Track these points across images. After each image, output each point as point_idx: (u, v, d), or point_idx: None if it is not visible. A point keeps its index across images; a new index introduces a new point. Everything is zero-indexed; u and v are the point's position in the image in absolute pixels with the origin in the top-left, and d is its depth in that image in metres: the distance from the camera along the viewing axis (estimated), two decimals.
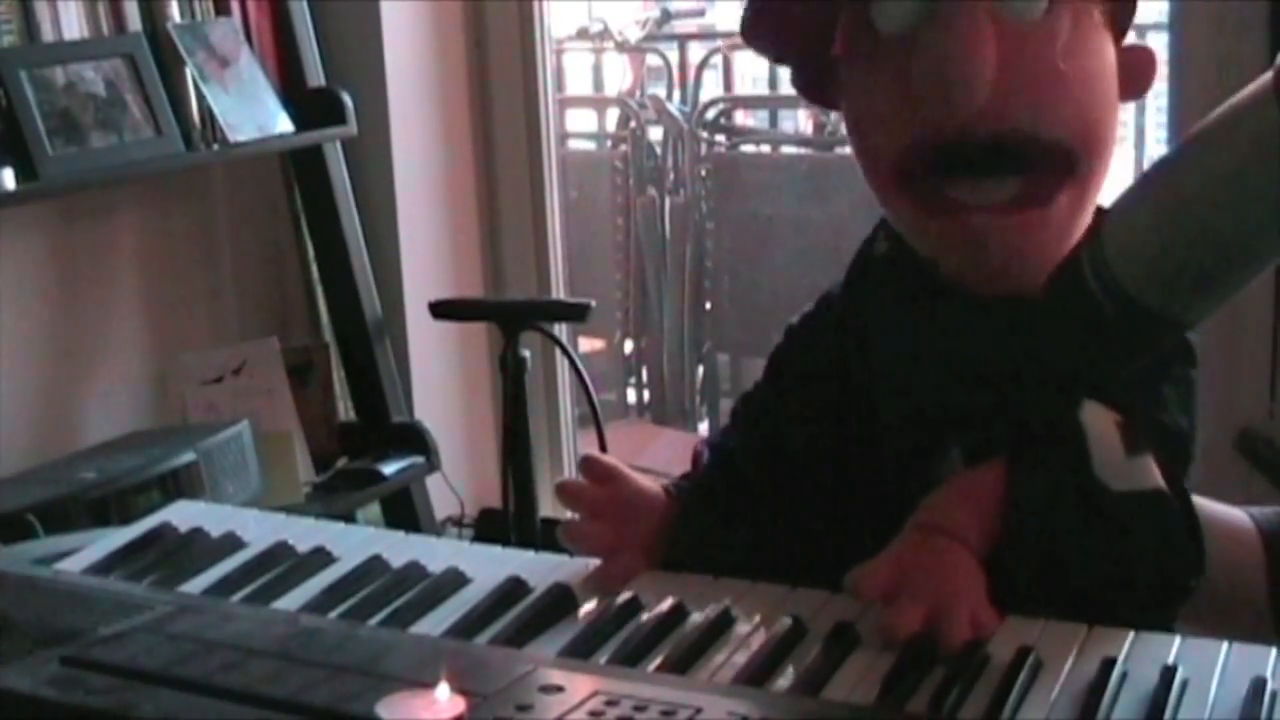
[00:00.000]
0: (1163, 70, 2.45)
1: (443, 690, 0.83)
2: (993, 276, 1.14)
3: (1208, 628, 1.19)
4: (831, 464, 1.23)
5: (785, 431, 1.26)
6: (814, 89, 1.25)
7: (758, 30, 1.22)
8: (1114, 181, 1.17)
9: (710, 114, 4.45)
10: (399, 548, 1.24)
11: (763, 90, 4.89)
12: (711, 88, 4.77)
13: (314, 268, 3.05)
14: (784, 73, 1.21)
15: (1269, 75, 0.93)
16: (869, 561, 1.06)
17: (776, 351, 1.33)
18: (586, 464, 1.24)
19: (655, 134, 4.51)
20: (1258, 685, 0.92)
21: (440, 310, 2.72)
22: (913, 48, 1.10)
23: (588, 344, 4.49)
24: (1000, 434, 1.10)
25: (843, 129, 1.28)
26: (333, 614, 1.12)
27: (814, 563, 1.19)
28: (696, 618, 1.08)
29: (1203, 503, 1.13)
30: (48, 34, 2.50)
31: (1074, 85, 1.11)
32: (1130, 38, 1.19)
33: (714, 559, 1.19)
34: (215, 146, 2.69)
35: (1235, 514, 1.17)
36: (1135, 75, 1.16)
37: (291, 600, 1.16)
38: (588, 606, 1.12)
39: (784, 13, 1.20)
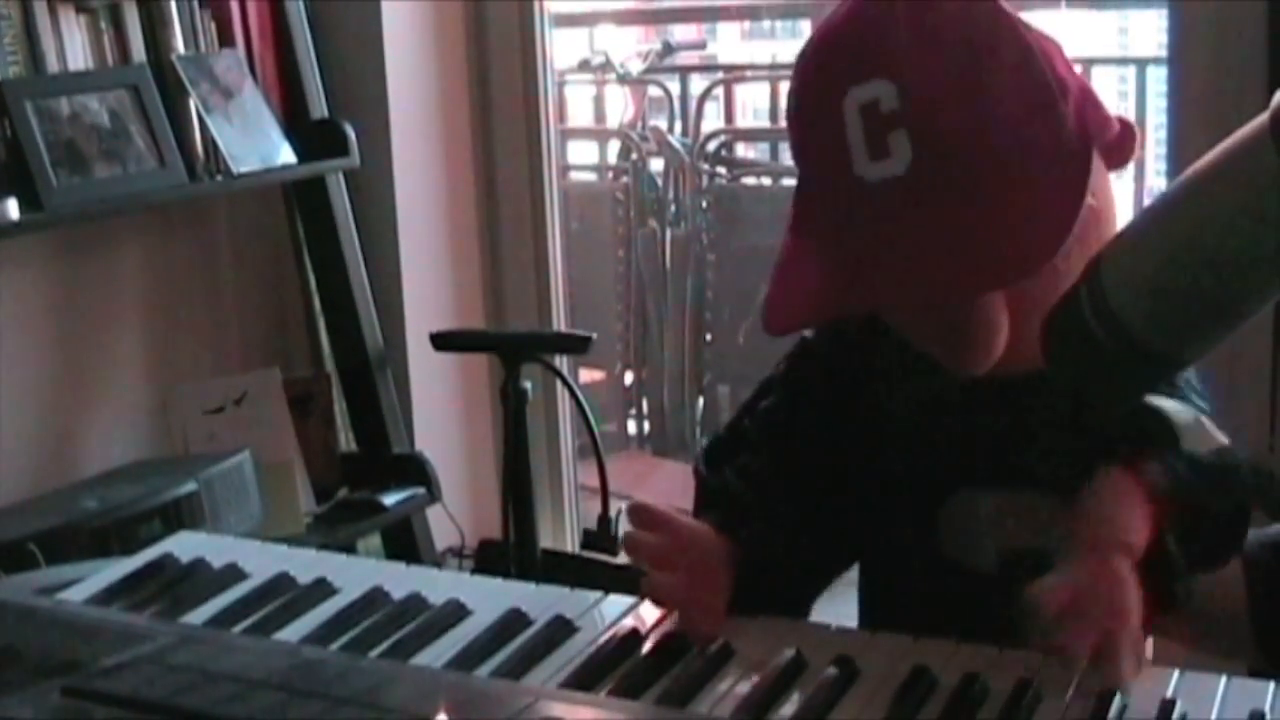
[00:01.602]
0: (1162, 104, 2.46)
1: None
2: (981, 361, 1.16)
3: (1190, 644, 1.20)
4: (853, 484, 1.26)
5: (807, 453, 1.27)
6: None
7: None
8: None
9: (711, 146, 4.46)
10: (400, 579, 1.24)
11: (764, 123, 4.89)
12: (713, 120, 4.78)
13: (316, 298, 3.04)
14: (785, 105, 1.21)
15: (1264, 117, 0.94)
16: (1049, 578, 1.04)
17: (792, 365, 1.32)
18: (633, 513, 1.20)
19: (656, 166, 4.51)
20: (1256, 719, 0.93)
21: (441, 341, 2.72)
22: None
23: (588, 375, 4.49)
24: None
25: None
26: (334, 646, 1.13)
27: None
28: (697, 650, 1.09)
29: None
30: (53, 65, 2.50)
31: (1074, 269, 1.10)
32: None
33: (791, 589, 1.22)
34: (218, 177, 2.69)
35: None
36: (1120, 149, 1.17)
37: (293, 632, 1.16)
38: (588, 638, 1.12)
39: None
